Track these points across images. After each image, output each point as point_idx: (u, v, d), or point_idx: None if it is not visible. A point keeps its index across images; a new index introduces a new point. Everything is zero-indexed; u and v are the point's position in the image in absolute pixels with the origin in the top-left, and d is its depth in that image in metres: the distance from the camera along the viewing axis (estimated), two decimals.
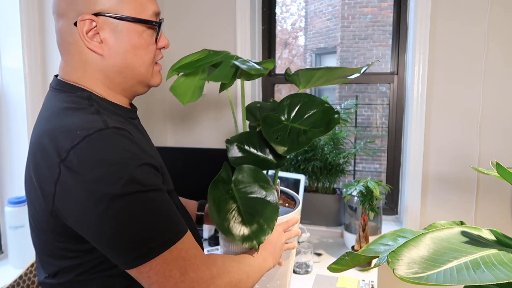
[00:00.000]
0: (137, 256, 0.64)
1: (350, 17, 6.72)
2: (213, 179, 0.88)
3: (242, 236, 0.81)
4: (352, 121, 2.05)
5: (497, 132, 1.77)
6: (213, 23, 2.06)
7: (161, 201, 0.68)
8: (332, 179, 1.94)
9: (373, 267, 0.76)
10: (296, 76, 0.98)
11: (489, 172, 0.82)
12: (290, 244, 0.97)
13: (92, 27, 0.71)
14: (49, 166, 0.65)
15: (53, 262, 0.73)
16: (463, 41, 1.77)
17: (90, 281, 0.72)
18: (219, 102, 2.15)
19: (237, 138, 0.97)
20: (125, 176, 0.63)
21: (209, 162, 2.07)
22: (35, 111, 1.57)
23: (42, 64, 1.60)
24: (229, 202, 0.85)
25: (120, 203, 0.62)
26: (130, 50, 0.74)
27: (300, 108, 0.95)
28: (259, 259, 0.85)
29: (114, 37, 0.72)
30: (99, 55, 0.73)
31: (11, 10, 1.51)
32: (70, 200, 0.64)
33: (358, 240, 1.64)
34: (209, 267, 0.70)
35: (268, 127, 0.92)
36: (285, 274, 1.04)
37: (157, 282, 0.65)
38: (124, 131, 0.67)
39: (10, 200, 1.52)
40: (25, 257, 1.56)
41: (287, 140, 0.89)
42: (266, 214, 0.84)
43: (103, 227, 0.63)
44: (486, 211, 1.82)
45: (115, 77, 0.76)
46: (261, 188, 0.88)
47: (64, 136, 0.65)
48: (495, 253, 0.59)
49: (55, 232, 0.70)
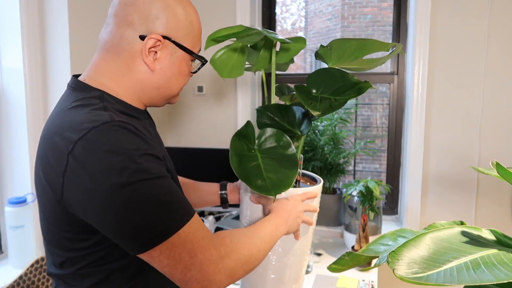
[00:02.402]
0: (146, 241, 0.67)
1: (350, 17, 6.72)
2: (235, 132, 0.95)
3: (259, 185, 0.86)
4: (352, 121, 2.05)
5: (497, 132, 1.77)
6: (213, 23, 2.06)
7: (167, 188, 0.71)
8: (332, 179, 1.94)
9: (373, 267, 0.76)
10: (329, 50, 1.02)
11: (489, 172, 0.82)
12: (306, 218, 0.99)
13: (155, 45, 0.78)
14: (57, 159, 0.68)
15: (60, 253, 0.76)
16: (463, 41, 1.77)
17: (94, 273, 0.75)
18: (219, 102, 2.15)
19: (268, 107, 1.05)
20: (130, 165, 0.66)
21: (209, 162, 2.07)
22: (35, 111, 1.57)
23: (42, 64, 1.60)
24: (251, 159, 0.92)
25: (127, 191, 0.65)
26: (176, 74, 0.83)
27: (327, 83, 1.02)
28: (270, 228, 0.87)
29: (169, 60, 0.81)
30: (148, 69, 0.80)
31: (11, 10, 1.51)
32: (78, 190, 0.67)
33: (358, 240, 1.64)
34: (217, 248, 0.72)
35: (302, 93, 1.00)
36: (302, 252, 1.04)
37: (168, 265, 0.68)
38: (128, 125, 0.70)
39: (10, 200, 1.52)
40: (25, 257, 1.56)
41: (319, 106, 0.97)
42: (286, 173, 0.89)
43: (111, 215, 0.66)
44: (486, 211, 1.82)
45: (150, 91, 0.83)
46: (283, 149, 0.94)
47: (71, 130, 0.68)
48: (495, 253, 0.59)
49: (62, 223, 0.73)
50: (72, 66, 1.59)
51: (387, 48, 1.03)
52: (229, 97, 2.13)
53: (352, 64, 1.05)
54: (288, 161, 0.92)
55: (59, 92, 1.61)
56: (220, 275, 0.71)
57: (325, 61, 1.05)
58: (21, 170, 1.59)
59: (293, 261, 1.03)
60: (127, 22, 0.78)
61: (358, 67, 1.06)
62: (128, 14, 0.78)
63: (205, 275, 0.69)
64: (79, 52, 1.63)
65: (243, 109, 2.10)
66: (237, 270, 0.74)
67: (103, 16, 1.77)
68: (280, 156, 0.93)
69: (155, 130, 0.92)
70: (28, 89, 1.55)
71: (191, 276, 0.69)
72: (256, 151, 0.95)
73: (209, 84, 2.15)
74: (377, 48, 1.02)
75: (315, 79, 1.03)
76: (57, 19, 1.57)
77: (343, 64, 1.05)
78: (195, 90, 2.16)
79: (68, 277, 0.77)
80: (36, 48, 1.56)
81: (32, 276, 1.53)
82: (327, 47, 1.02)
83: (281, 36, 0.99)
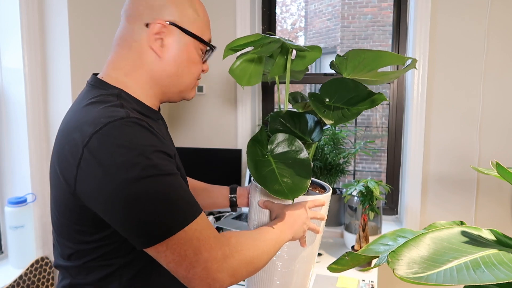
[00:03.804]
0: (154, 236, 0.69)
1: (350, 17, 6.72)
2: (251, 138, 0.98)
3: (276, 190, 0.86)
4: (352, 121, 2.05)
5: (497, 132, 1.77)
6: (213, 23, 2.06)
7: (176, 185, 0.72)
8: (332, 179, 1.94)
9: (373, 267, 0.76)
10: (345, 60, 1.04)
11: (489, 172, 0.82)
12: (313, 225, 1.00)
13: (161, 31, 0.80)
14: (73, 151, 0.70)
15: (69, 245, 0.77)
16: (463, 41, 1.77)
17: (100, 267, 0.77)
18: (220, 102, 2.15)
19: (281, 113, 1.07)
20: (142, 161, 0.68)
21: (209, 162, 2.07)
22: (35, 111, 1.57)
23: (42, 64, 1.60)
24: (265, 164, 0.93)
25: (137, 186, 0.67)
26: (185, 61, 0.84)
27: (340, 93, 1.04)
28: (275, 233, 0.88)
29: (176, 46, 0.82)
30: (157, 56, 0.81)
31: (11, 10, 1.51)
32: (91, 182, 0.68)
33: (358, 240, 1.64)
34: (222, 247, 0.73)
35: (316, 101, 1.02)
36: (308, 260, 1.04)
37: (174, 261, 0.70)
38: (143, 122, 0.72)
39: (10, 200, 1.53)
40: (25, 257, 1.56)
41: (332, 115, 0.99)
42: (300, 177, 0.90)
43: (121, 209, 0.68)
44: (486, 211, 1.82)
45: (161, 80, 0.83)
46: (295, 154, 0.96)
47: (88, 124, 0.70)
48: (495, 253, 0.59)
49: (74, 216, 0.74)
50: (72, 66, 1.59)
51: (403, 61, 1.04)
52: (229, 97, 2.13)
53: (366, 76, 1.06)
54: (301, 165, 0.92)
55: (59, 92, 1.61)
56: (223, 274, 0.72)
57: (340, 71, 1.06)
58: (21, 170, 1.59)
59: (299, 268, 1.03)
60: (135, 15, 0.81)
61: (372, 80, 1.07)
62: (136, 7, 0.81)
63: (209, 273, 0.70)
64: (79, 52, 1.63)
65: (243, 109, 2.10)
66: (240, 270, 0.75)
67: (103, 16, 1.77)
68: (293, 160, 0.94)
69: (166, 130, 0.95)
70: (28, 89, 1.55)
71: (194, 273, 0.70)
72: (268, 156, 0.96)
73: (209, 84, 2.15)
74: (394, 61, 1.04)
75: (328, 88, 1.04)
76: (57, 19, 1.57)
77: (358, 75, 1.06)
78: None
79: (75, 270, 0.78)
80: (36, 48, 1.56)
81: (32, 276, 1.53)
82: (343, 57, 1.04)
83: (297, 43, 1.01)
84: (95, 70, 1.72)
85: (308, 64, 1.10)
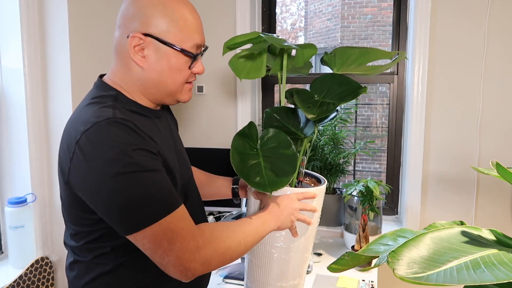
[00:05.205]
0: (131, 225, 0.76)
1: (350, 17, 6.72)
2: (237, 132, 1.00)
3: (257, 182, 0.90)
4: (352, 121, 2.05)
5: (497, 132, 1.77)
6: (213, 23, 2.06)
7: (155, 180, 0.78)
8: (332, 179, 1.94)
9: (373, 267, 0.76)
10: (333, 57, 1.07)
11: (489, 172, 0.82)
12: (302, 216, 1.02)
13: (139, 44, 0.84)
14: (69, 147, 0.79)
15: (72, 226, 0.88)
16: (463, 41, 1.77)
17: (98, 248, 0.86)
18: (219, 102, 2.15)
19: (275, 109, 1.11)
20: (123, 158, 0.75)
21: (209, 162, 2.07)
22: (35, 111, 1.58)
23: (42, 64, 1.60)
24: (253, 157, 0.97)
25: (117, 180, 0.74)
26: (166, 70, 0.87)
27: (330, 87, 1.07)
28: (256, 223, 0.93)
29: (156, 56, 0.85)
30: (140, 67, 0.86)
31: (11, 10, 1.51)
32: (78, 175, 0.78)
33: (358, 240, 1.64)
34: (195, 238, 0.79)
35: (300, 98, 1.06)
36: (303, 250, 1.07)
37: (150, 248, 0.77)
38: (128, 122, 0.79)
39: (10, 200, 1.53)
40: (25, 257, 1.56)
41: (316, 110, 1.02)
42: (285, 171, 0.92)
43: (102, 200, 0.77)
44: (486, 211, 1.82)
45: (150, 87, 0.89)
46: (283, 149, 0.98)
47: (81, 123, 0.79)
48: (495, 253, 0.59)
49: (71, 202, 0.84)
50: (72, 66, 1.59)
51: (390, 56, 1.08)
52: (229, 97, 2.13)
53: (356, 70, 1.09)
54: (288, 160, 0.95)
55: (59, 92, 1.61)
56: (196, 263, 0.78)
57: (330, 66, 1.10)
58: (21, 170, 1.59)
59: (294, 257, 1.06)
60: (120, 25, 0.87)
61: (363, 73, 1.11)
62: (121, 18, 0.87)
63: (181, 262, 0.77)
64: (79, 52, 1.63)
65: (243, 109, 2.10)
66: (212, 261, 0.81)
67: (103, 17, 1.77)
68: (280, 155, 0.97)
69: (168, 128, 0.99)
70: (28, 89, 1.55)
71: (168, 261, 0.77)
72: (258, 150, 0.99)
73: (209, 84, 2.15)
74: (379, 57, 1.07)
75: (318, 84, 1.08)
76: (57, 19, 1.57)
77: (347, 70, 1.09)
78: (195, 90, 2.16)
79: (78, 249, 0.88)
80: (36, 48, 1.56)
81: (32, 276, 1.53)
82: (331, 54, 1.07)
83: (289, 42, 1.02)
84: (95, 70, 1.72)
85: (305, 61, 1.12)
